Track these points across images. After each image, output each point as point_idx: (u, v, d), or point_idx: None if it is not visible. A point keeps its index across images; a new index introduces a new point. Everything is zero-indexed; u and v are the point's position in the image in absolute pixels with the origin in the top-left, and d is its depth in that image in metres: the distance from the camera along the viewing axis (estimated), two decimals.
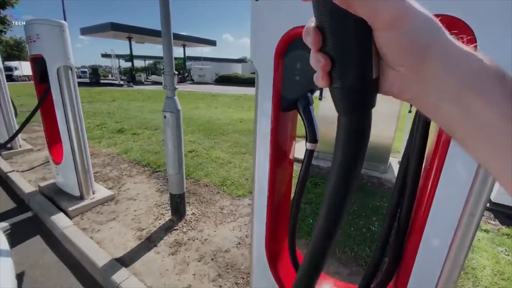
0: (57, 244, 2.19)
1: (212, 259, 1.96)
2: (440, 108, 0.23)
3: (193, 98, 12.72)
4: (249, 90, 17.48)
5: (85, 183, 2.67)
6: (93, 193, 2.80)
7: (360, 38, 0.24)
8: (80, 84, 3.70)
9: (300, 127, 0.96)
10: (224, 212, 2.58)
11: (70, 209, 2.52)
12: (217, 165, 3.77)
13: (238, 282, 1.77)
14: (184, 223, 2.36)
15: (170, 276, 1.78)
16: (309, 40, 0.26)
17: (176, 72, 2.07)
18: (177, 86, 2.07)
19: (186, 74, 33.57)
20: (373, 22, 0.23)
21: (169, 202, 2.72)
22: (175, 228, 2.29)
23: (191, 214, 2.50)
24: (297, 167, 1.35)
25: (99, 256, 1.93)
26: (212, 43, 32.01)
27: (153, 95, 13.78)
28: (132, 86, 21.82)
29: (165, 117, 2.05)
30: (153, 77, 33.22)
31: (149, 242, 2.11)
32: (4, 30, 14.97)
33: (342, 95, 0.27)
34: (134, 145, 4.65)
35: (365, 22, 0.23)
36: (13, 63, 27.39)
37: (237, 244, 2.14)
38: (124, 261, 1.90)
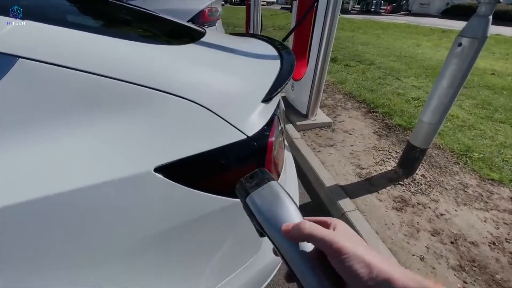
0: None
1: (451, 242, 1.54)
2: None
3: (413, 32, 10.22)
4: (501, 30, 11.45)
5: (314, 103, 2.81)
6: (315, 115, 2.96)
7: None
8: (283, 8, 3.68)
9: None
10: (469, 193, 1.92)
11: (297, 123, 2.82)
12: (453, 126, 2.84)
13: None
14: (412, 182, 1.99)
15: (397, 233, 1.58)
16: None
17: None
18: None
19: (404, 1, 27.05)
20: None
21: (396, 150, 2.39)
22: (400, 182, 1.98)
23: (421, 176, 2.06)
24: None
25: (324, 175, 2.04)
26: None
27: (362, 25, 12.44)
28: (339, 15, 20.90)
29: (460, 44, 1.47)
30: None
31: (370, 185, 1.97)
32: None
33: None
34: (348, 77, 4.44)
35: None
36: None
37: (490, 243, 1.55)
38: (346, 192, 1.89)
